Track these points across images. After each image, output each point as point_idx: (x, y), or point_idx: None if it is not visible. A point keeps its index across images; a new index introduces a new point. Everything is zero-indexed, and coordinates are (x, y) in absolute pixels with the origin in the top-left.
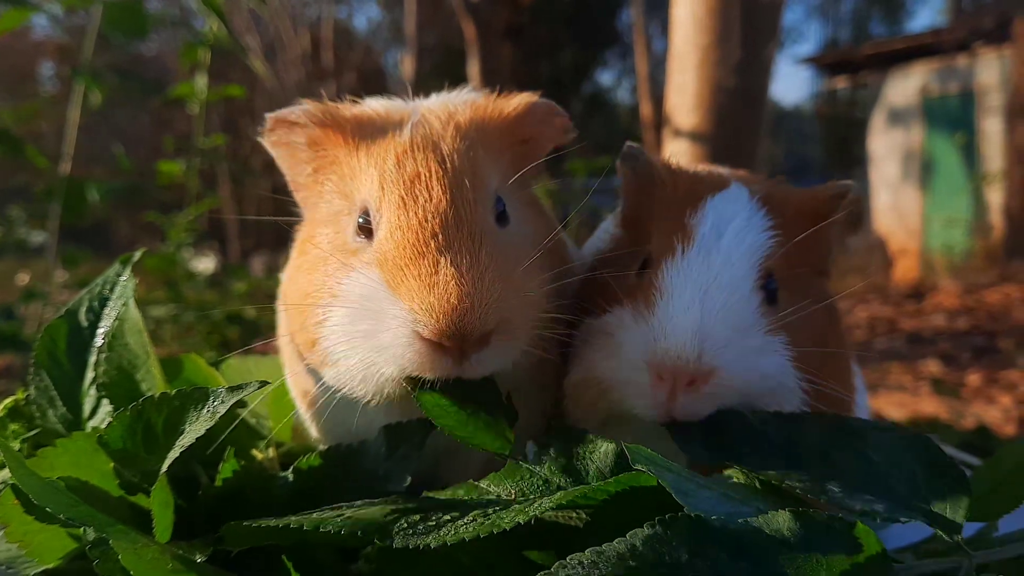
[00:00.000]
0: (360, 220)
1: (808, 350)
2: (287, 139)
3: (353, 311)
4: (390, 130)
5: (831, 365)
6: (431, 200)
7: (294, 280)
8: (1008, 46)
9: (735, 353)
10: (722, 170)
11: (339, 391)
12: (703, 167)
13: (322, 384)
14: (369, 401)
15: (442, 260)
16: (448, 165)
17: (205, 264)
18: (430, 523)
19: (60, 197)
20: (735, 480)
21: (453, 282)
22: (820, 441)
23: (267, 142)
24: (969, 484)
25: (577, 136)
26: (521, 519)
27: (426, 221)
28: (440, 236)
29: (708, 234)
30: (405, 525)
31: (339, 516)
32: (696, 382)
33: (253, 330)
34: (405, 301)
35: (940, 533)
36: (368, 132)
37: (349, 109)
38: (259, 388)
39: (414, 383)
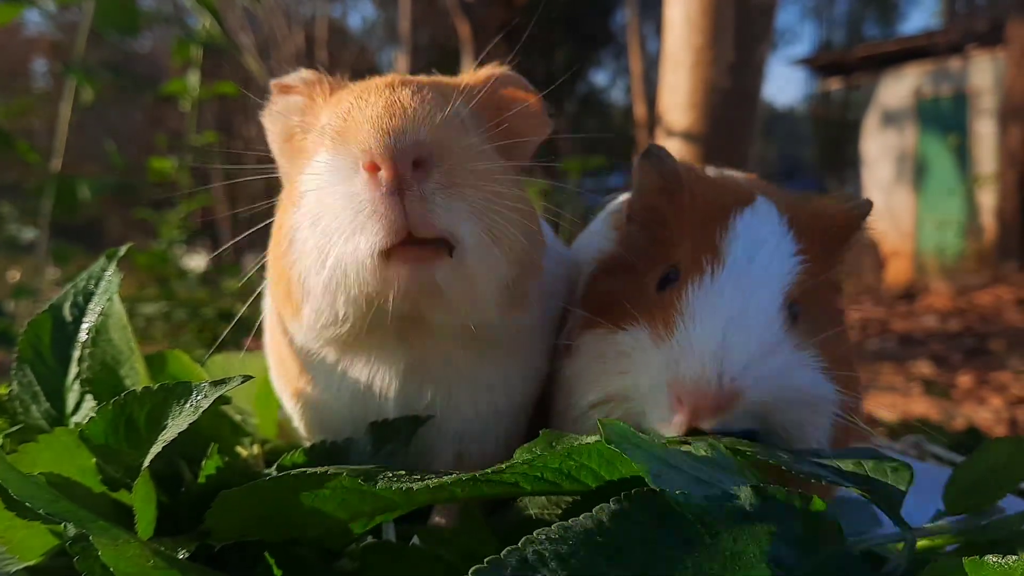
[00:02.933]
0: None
1: (837, 360)
2: (282, 106)
3: (315, 199)
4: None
5: (852, 374)
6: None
7: (271, 247)
8: (1001, 49)
9: (760, 373)
10: (739, 176)
11: (320, 336)
12: (721, 172)
13: (304, 345)
14: (351, 334)
15: (386, 91)
16: (421, 87)
17: (196, 262)
18: (415, 476)
19: (51, 193)
20: (703, 454)
21: (383, 100)
22: None
23: (267, 114)
24: (912, 475)
25: (571, 136)
26: (506, 478)
27: (379, 86)
28: (392, 81)
29: (739, 258)
30: (390, 475)
31: (324, 469)
32: (722, 407)
33: (245, 328)
34: (349, 140)
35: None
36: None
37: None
38: (243, 382)
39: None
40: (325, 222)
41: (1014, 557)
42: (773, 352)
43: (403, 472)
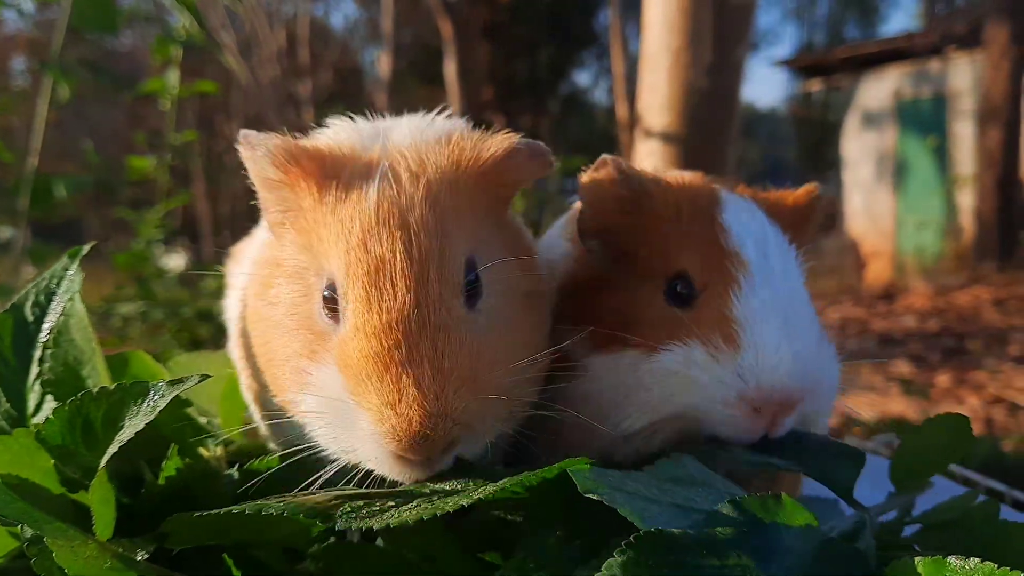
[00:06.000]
0: (326, 293)
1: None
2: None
3: (326, 411)
4: (357, 182)
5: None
6: (395, 299)
7: (258, 313)
8: (980, 51)
9: (818, 374)
10: (686, 174)
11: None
12: (670, 174)
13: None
14: None
15: (404, 376)
16: (415, 249)
17: (176, 261)
18: (373, 508)
19: (27, 192)
20: (673, 474)
21: (415, 404)
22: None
23: (241, 151)
24: (864, 462)
25: (554, 137)
26: (465, 502)
27: (389, 327)
28: (403, 346)
29: (756, 257)
30: (348, 509)
31: (281, 502)
32: (794, 410)
33: (224, 328)
34: (370, 418)
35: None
36: (335, 181)
37: (316, 147)
38: (200, 381)
39: None
40: (341, 436)
41: (976, 560)
42: (820, 350)
43: (361, 503)
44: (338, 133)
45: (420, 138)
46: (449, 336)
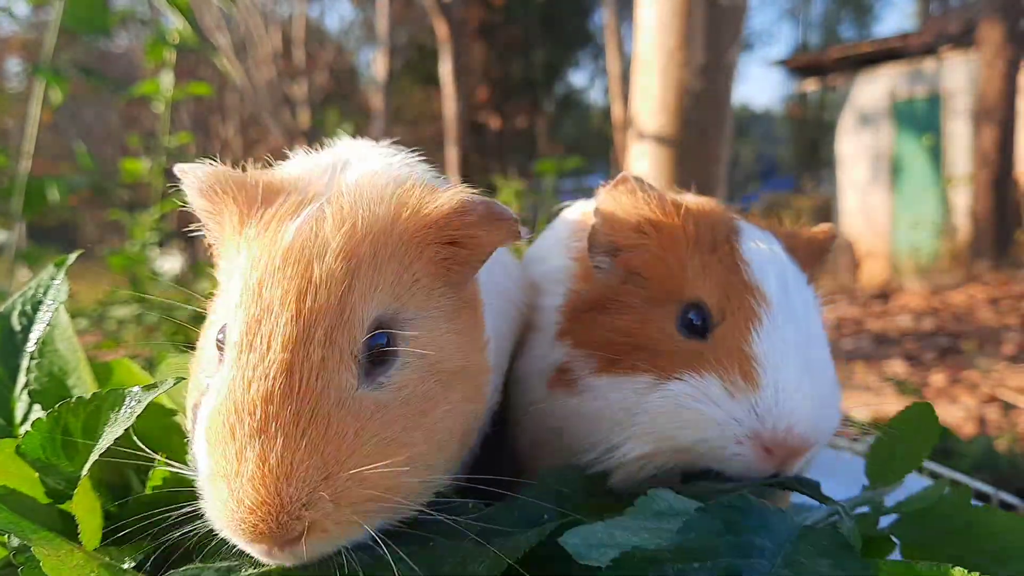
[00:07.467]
0: (219, 336)
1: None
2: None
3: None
4: (283, 217)
5: None
6: (267, 356)
7: (198, 348)
8: (974, 50)
9: (833, 416)
10: (702, 199)
11: None
12: (688, 197)
13: None
14: None
15: (249, 449)
16: (307, 303)
17: (171, 263)
18: None
19: (21, 194)
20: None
21: (250, 486)
22: None
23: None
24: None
25: (549, 137)
26: None
27: (248, 388)
28: (258, 413)
29: (778, 293)
30: None
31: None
32: (807, 451)
33: None
34: (212, 493)
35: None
36: (261, 213)
37: (247, 176)
38: (175, 384)
39: None
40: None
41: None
42: (835, 390)
43: None
44: (293, 164)
45: (368, 181)
46: (319, 412)
